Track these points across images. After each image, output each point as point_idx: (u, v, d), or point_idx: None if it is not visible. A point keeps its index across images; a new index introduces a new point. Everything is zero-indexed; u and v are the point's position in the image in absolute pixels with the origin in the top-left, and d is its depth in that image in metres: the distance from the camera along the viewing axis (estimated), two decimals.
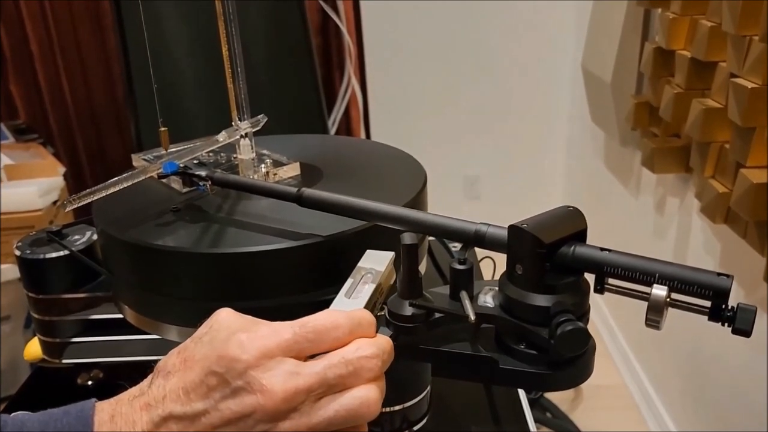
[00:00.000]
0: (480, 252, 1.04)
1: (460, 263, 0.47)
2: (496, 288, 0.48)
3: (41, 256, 0.68)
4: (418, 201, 0.64)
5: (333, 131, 2.45)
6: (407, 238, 0.45)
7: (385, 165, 0.75)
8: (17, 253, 0.69)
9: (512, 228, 0.44)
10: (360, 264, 0.52)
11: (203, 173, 0.61)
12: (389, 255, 0.52)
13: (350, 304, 0.47)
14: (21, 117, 2.41)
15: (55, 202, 1.74)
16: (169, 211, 0.62)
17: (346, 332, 0.41)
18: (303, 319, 0.40)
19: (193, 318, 0.50)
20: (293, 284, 0.56)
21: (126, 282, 0.62)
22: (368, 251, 0.53)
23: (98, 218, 0.63)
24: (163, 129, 0.65)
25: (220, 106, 0.71)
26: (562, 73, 2.60)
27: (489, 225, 0.48)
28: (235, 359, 0.38)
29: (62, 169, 1.93)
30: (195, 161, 0.71)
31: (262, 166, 0.69)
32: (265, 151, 0.73)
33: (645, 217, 1.94)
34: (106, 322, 0.70)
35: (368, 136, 2.64)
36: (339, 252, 0.56)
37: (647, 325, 0.42)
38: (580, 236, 0.44)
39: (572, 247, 0.43)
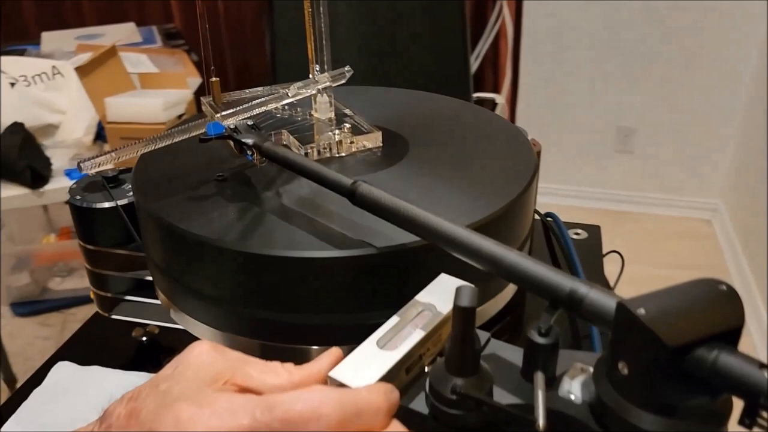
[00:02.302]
0: (605, 234, 0.83)
1: (541, 335, 0.33)
2: (590, 372, 0.33)
3: (91, 205, 0.61)
4: (520, 203, 0.49)
5: (476, 65, 2.26)
6: (465, 295, 0.31)
7: (488, 144, 0.60)
8: (68, 196, 0.62)
9: (621, 308, 0.29)
10: (418, 296, 0.39)
11: (250, 141, 0.49)
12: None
13: (379, 356, 0.34)
14: (175, 21, 2.46)
15: (180, 116, 1.72)
16: (213, 180, 0.52)
17: (331, 424, 0.29)
18: (274, 400, 0.29)
19: (214, 319, 0.45)
20: (335, 301, 0.44)
21: (149, 254, 0.54)
22: (441, 276, 0.40)
23: (136, 176, 0.55)
24: (214, 79, 0.54)
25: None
26: (752, 24, 2.20)
27: (592, 286, 0.33)
28: None
29: (196, 81, 1.90)
30: (262, 117, 0.60)
31: (337, 132, 0.57)
32: (347, 111, 0.60)
33: None
34: None
35: (515, 72, 2.42)
36: (396, 270, 0.43)
37: None
38: (730, 337, 0.29)
39: (714, 353, 0.28)
